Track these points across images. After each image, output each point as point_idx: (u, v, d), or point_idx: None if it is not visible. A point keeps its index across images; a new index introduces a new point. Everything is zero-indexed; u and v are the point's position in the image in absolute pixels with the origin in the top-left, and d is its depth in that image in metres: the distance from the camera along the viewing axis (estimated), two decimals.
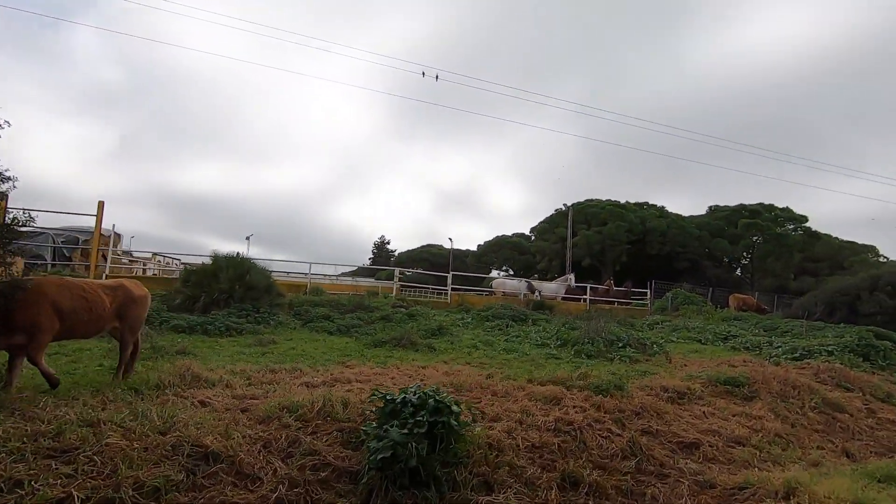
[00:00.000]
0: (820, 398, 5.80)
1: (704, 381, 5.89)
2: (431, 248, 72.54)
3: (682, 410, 4.88)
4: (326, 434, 2.82)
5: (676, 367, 7.92)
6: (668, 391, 5.26)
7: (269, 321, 9.49)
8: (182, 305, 9.32)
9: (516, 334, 10.45)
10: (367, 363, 6.46)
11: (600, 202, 35.81)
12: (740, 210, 36.31)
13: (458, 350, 8.37)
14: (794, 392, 5.83)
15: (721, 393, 5.63)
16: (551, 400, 4.37)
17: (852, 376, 7.23)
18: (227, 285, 9.75)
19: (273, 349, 7.19)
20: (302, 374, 5.21)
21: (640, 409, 4.52)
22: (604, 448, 3.59)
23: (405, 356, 7.50)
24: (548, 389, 4.56)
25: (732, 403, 5.37)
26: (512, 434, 3.39)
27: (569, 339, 9.20)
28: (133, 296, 5.01)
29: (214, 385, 4.21)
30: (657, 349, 9.16)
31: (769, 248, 34.60)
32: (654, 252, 34.42)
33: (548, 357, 8.09)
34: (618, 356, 8.20)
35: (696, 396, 5.31)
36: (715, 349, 10.97)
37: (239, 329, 8.49)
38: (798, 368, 7.55)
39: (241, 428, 2.75)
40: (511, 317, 12.65)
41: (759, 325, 15.08)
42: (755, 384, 5.82)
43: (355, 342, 8.48)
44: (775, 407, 5.38)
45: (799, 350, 9.48)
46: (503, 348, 8.59)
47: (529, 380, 5.23)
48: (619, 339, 9.21)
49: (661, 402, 4.93)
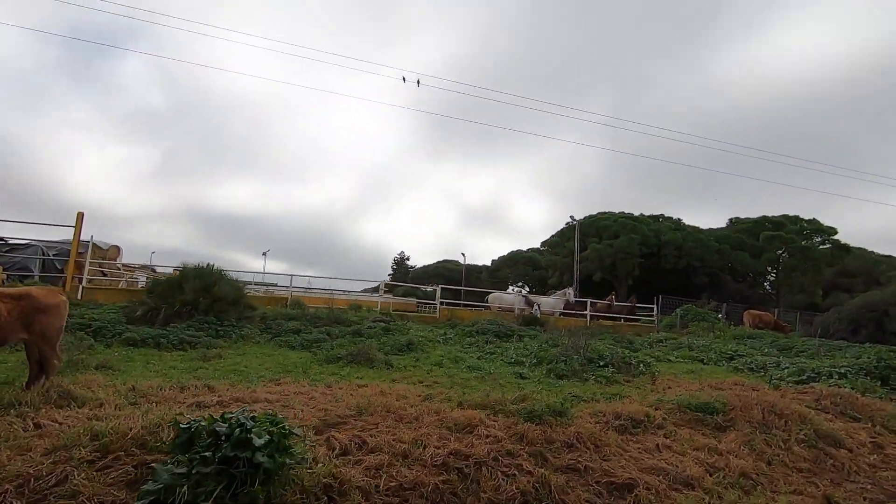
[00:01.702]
0: (812, 429, 4.93)
1: (673, 406, 5.12)
2: (447, 264, 72.85)
3: (630, 442, 4.15)
4: (119, 469, 2.32)
5: (659, 389, 7.11)
6: (620, 418, 4.53)
7: (232, 334, 9.12)
8: (143, 317, 9.04)
9: (492, 351, 9.75)
10: (304, 381, 5.95)
11: (612, 215, 34.65)
12: (763, 222, 34.48)
13: (418, 367, 7.76)
14: (780, 421, 4.99)
15: (689, 421, 4.86)
16: (464, 427, 3.74)
17: (861, 403, 6.27)
18: (192, 296, 9.46)
19: (213, 364, 6.75)
20: (210, 392, 4.74)
21: (573, 441, 3.83)
22: (500, 490, 2.95)
23: (355, 373, 6.94)
24: (464, 414, 3.93)
25: (699, 434, 4.59)
26: (379, 472, 2.80)
27: (545, 357, 8.46)
28: (40, 305, 4.67)
29: (84, 405, 3.77)
30: (643, 369, 8.32)
31: (794, 262, 32.65)
32: (669, 266, 32.93)
33: (514, 376, 7.40)
34: (593, 376, 7.43)
35: (654, 425, 4.56)
36: (716, 370, 10.00)
37: (194, 342, 8.12)
38: (797, 393, 6.64)
39: (13, 462, 2.27)
40: (496, 332, 11.94)
41: (773, 345, 13.92)
42: (732, 411, 5.02)
43: (312, 357, 7.98)
44: (752, 439, 4.57)
45: (807, 372, 8.46)
46: (469, 366, 7.93)
47: (459, 403, 4.61)
48: (602, 357, 8.43)
49: (607, 431, 4.22)
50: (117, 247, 18.88)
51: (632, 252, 31.31)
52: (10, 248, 13.65)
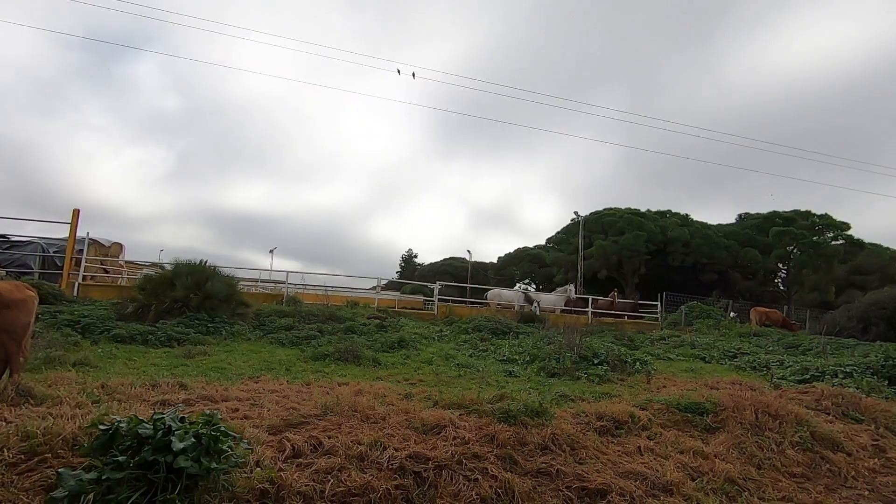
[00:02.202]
0: (808, 431, 4.69)
1: (661, 406, 4.90)
2: (454, 262, 73.35)
3: (611, 444, 3.95)
4: (41, 473, 2.19)
5: (653, 388, 6.89)
6: (602, 419, 4.33)
7: (222, 331, 9.04)
8: (133, 314, 9.01)
9: (485, 349, 9.57)
10: (284, 379, 5.83)
11: (618, 210, 34.13)
12: (773, 217, 33.72)
13: (407, 365, 7.61)
14: (775, 423, 4.75)
15: (677, 422, 4.64)
16: (431, 428, 3.57)
17: (865, 404, 5.98)
18: (183, 293, 9.40)
19: (196, 362, 6.66)
20: (181, 390, 4.63)
21: (548, 443, 3.65)
22: (459, 496, 2.78)
23: (340, 371, 6.82)
24: (434, 415, 3.76)
25: (687, 436, 4.37)
26: (328, 476, 2.64)
27: (538, 355, 8.26)
28: (4, 300, 4.57)
29: (42, 403, 3.66)
30: (639, 367, 8.09)
31: (806, 258, 31.88)
32: (676, 264, 32.37)
33: (504, 374, 7.21)
34: (586, 375, 7.22)
35: (638, 426, 4.35)
36: (717, 368, 9.73)
37: (182, 339, 8.05)
38: (797, 393, 6.37)
39: None
40: (492, 330, 11.75)
41: (780, 343, 13.56)
42: (724, 412, 4.79)
43: (300, 354, 7.87)
44: (743, 441, 4.34)
45: (811, 371, 8.17)
46: (458, 364, 7.76)
47: (435, 402, 4.44)
48: (597, 354, 8.21)
49: (586, 433, 4.02)
50: (119, 244, 19.00)
51: (638, 249, 30.81)
52: (11, 245, 13.76)
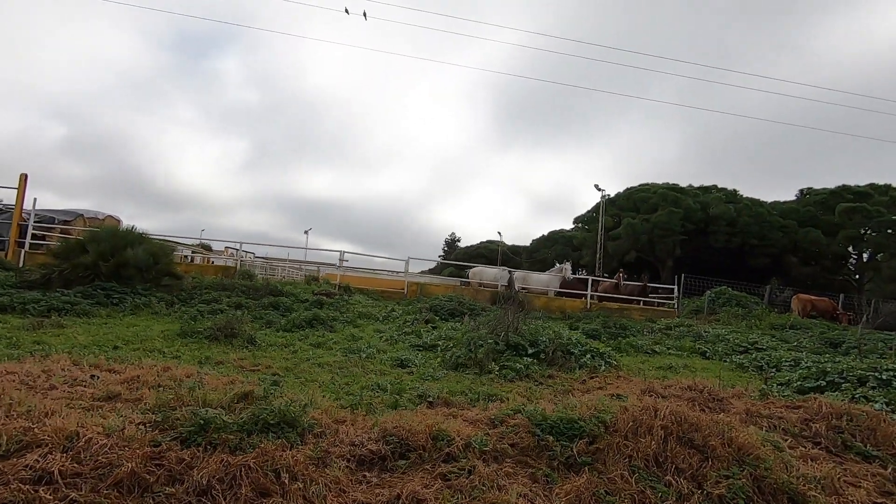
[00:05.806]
0: (751, 475, 2.88)
1: (520, 422, 3.25)
2: (490, 245, 73.72)
3: (374, 487, 2.43)
4: None
5: (589, 388, 5.19)
6: (386, 440, 2.79)
7: (126, 303, 8.21)
8: (37, 282, 8.37)
9: (419, 332, 8.08)
10: (101, 358, 4.73)
11: (654, 186, 30.57)
12: (841, 192, 28.84)
13: (289, 348, 6.31)
14: (694, 458, 2.97)
15: (524, 450, 2.98)
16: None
17: (886, 431, 3.94)
18: (92, 259, 8.65)
19: (35, 335, 5.74)
20: None
21: (212, 482, 2.19)
22: None
23: (193, 351, 5.66)
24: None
25: (524, 476, 2.73)
26: None
27: (461, 341, 6.68)
28: None
29: None
30: (589, 361, 6.31)
31: (881, 240, 27.11)
32: (720, 245, 28.66)
33: (396, 365, 5.74)
34: (499, 368, 5.60)
35: (440, 456, 2.77)
36: (711, 366, 7.69)
37: (62, 309, 7.25)
38: (780, 407, 4.41)
39: None
40: (451, 311, 10.25)
41: (820, 337, 11.01)
42: (610, 435, 3.06)
43: (178, 330, 6.80)
44: (619, 491, 2.65)
45: (830, 375, 6.00)
46: (345, 349, 6.37)
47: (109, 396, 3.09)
48: (536, 343, 6.50)
49: (343, 461, 2.52)
50: (114, 217, 19.13)
51: (672, 228, 27.40)
52: None
